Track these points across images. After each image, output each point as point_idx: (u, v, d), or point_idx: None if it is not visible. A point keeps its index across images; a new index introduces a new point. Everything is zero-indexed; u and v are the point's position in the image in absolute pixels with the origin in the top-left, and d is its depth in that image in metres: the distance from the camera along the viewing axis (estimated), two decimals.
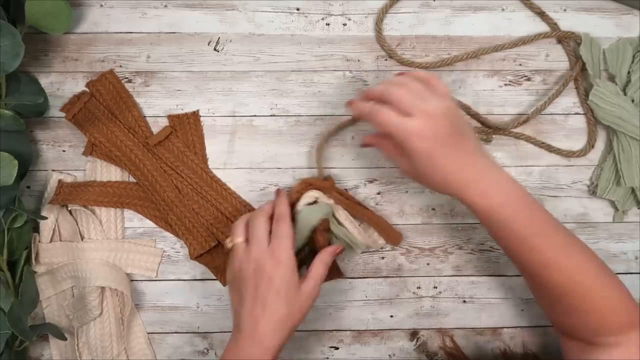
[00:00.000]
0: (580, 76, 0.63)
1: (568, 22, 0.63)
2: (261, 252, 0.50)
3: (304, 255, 0.58)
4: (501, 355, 0.57)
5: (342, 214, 0.57)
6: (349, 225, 0.57)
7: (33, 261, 0.59)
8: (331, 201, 0.57)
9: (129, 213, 0.61)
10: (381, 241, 0.60)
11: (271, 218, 0.53)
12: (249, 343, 0.49)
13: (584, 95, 0.62)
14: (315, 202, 0.56)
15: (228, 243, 0.53)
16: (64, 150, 0.61)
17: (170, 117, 0.61)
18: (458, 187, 0.49)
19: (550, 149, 0.62)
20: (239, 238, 0.52)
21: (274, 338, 0.48)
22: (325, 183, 0.58)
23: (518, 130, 0.62)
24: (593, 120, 0.62)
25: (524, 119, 0.61)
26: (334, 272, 0.60)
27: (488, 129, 0.62)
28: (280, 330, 0.49)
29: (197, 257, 0.59)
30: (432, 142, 0.47)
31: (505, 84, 0.63)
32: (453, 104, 0.49)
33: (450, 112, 0.48)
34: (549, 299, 0.50)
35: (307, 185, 0.57)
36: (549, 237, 0.49)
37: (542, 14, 0.63)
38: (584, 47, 0.61)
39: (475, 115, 0.62)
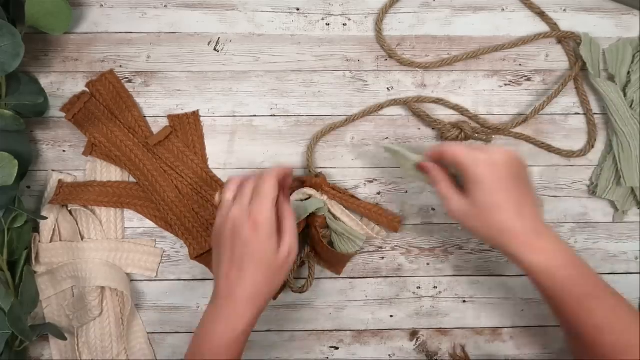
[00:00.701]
0: (580, 76, 0.63)
1: (568, 22, 0.63)
2: (240, 212, 0.46)
3: (305, 255, 0.58)
4: None
5: (338, 209, 0.57)
6: (345, 219, 0.57)
7: (33, 261, 0.59)
8: (325, 197, 0.57)
9: (129, 213, 0.61)
10: (381, 231, 0.60)
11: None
12: (225, 309, 0.47)
13: (584, 95, 0.62)
14: (308, 198, 0.57)
15: (216, 197, 0.50)
16: (64, 150, 0.61)
17: (170, 117, 0.61)
18: (516, 238, 0.46)
19: (550, 149, 0.62)
20: (227, 194, 0.49)
21: (250, 305, 0.47)
22: (317, 180, 0.58)
23: (518, 130, 0.62)
24: (593, 120, 0.62)
25: (523, 119, 0.61)
26: (342, 258, 0.59)
27: (488, 129, 0.62)
28: (256, 297, 0.47)
29: (197, 257, 0.59)
30: (500, 175, 0.45)
31: (505, 84, 0.63)
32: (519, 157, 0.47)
33: (520, 162, 0.47)
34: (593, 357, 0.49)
35: (299, 183, 0.57)
36: (603, 299, 0.48)
37: (542, 14, 0.63)
38: (584, 47, 0.62)
39: (473, 117, 0.62)
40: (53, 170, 0.61)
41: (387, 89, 0.62)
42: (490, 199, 0.46)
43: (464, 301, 0.62)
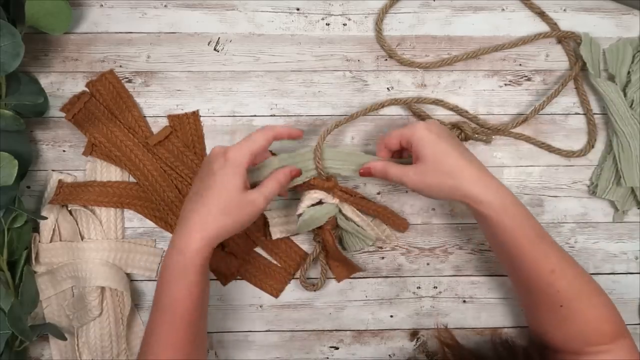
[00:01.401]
0: (580, 76, 0.63)
1: (568, 22, 0.63)
2: (219, 149, 0.50)
3: (316, 256, 0.59)
4: (500, 345, 0.57)
5: (349, 209, 0.57)
6: (356, 218, 0.57)
7: (33, 261, 0.59)
8: (336, 200, 0.57)
9: (129, 213, 0.61)
10: (391, 235, 0.60)
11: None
12: (177, 232, 0.49)
13: (584, 95, 0.62)
14: (319, 202, 0.56)
15: None
16: (64, 150, 0.61)
17: (170, 117, 0.61)
18: (469, 176, 0.49)
19: (550, 149, 0.62)
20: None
21: (199, 230, 0.48)
22: (328, 183, 0.57)
23: (518, 130, 0.62)
24: (593, 120, 0.62)
25: (522, 118, 0.61)
26: (350, 267, 0.60)
27: (487, 130, 0.62)
28: (207, 224, 0.48)
29: None
30: (437, 132, 0.50)
31: (505, 84, 0.63)
32: None
33: (448, 128, 0.54)
34: (547, 308, 0.51)
35: (309, 186, 0.57)
36: (552, 243, 0.51)
37: (542, 14, 0.63)
38: (584, 47, 0.61)
39: (473, 118, 0.62)
40: (53, 170, 0.61)
41: (387, 89, 0.62)
42: (435, 148, 0.50)
43: (464, 301, 0.62)
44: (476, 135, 0.60)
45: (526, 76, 0.63)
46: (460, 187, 0.49)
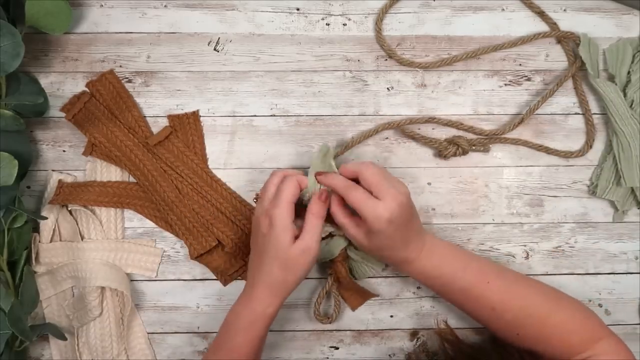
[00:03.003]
0: (578, 76, 0.63)
1: (568, 22, 0.63)
2: (261, 210, 0.52)
3: (328, 289, 0.59)
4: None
5: None
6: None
7: (33, 261, 0.59)
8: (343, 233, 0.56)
9: (129, 213, 0.61)
10: None
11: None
12: (246, 293, 0.53)
13: (583, 95, 0.62)
14: (329, 235, 0.56)
15: (254, 195, 0.56)
16: (64, 150, 0.61)
17: (170, 117, 0.61)
18: (404, 262, 0.53)
19: (548, 151, 0.62)
20: (263, 193, 0.53)
21: (266, 290, 0.51)
22: None
23: (517, 131, 0.62)
24: (591, 120, 0.62)
25: (518, 120, 0.61)
26: (364, 294, 0.59)
27: (484, 138, 0.61)
28: (272, 285, 0.51)
29: (197, 257, 0.59)
30: (396, 227, 0.50)
31: (505, 84, 0.63)
32: (407, 189, 0.52)
33: (410, 202, 0.51)
34: (510, 337, 0.53)
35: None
36: (488, 284, 0.52)
37: (541, 14, 0.63)
38: (583, 48, 0.62)
39: (469, 129, 0.62)
40: (53, 170, 0.61)
41: (387, 88, 0.62)
42: (384, 243, 0.51)
43: None
44: (473, 147, 0.61)
45: (526, 76, 0.63)
46: (394, 266, 0.57)
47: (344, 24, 0.63)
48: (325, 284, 0.59)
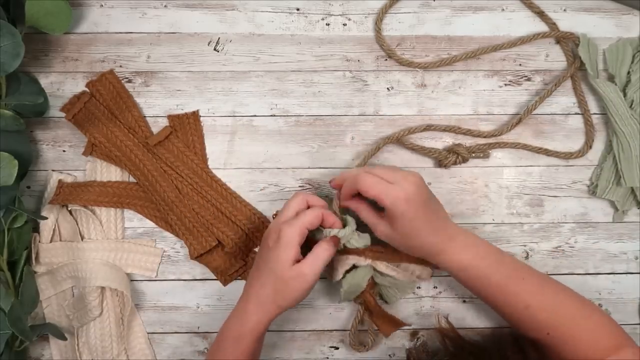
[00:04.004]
0: (577, 76, 0.63)
1: (568, 22, 0.63)
2: (274, 226, 0.52)
3: (360, 318, 0.59)
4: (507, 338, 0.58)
5: (382, 266, 0.56)
6: (391, 272, 0.56)
7: (33, 261, 0.59)
8: (368, 261, 0.55)
9: (129, 213, 0.61)
10: (420, 272, 0.57)
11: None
12: (239, 305, 0.53)
13: (582, 96, 0.62)
14: (353, 267, 0.55)
15: (274, 212, 0.56)
16: (64, 150, 0.61)
17: (170, 117, 0.61)
18: (436, 251, 0.52)
19: (548, 152, 0.62)
20: (281, 210, 0.54)
21: (258, 306, 0.51)
22: (359, 249, 0.55)
23: (517, 132, 0.62)
24: (590, 121, 0.62)
25: (516, 120, 0.61)
26: (395, 322, 0.58)
27: (483, 146, 0.61)
28: (264, 301, 0.51)
29: (197, 257, 0.59)
30: (416, 206, 0.50)
31: (505, 84, 0.63)
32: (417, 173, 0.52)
33: (424, 184, 0.51)
34: (539, 337, 0.52)
35: (339, 251, 0.55)
36: (524, 280, 0.52)
37: (541, 14, 0.63)
38: (582, 48, 0.62)
39: (467, 132, 0.62)
40: (53, 170, 0.61)
41: (387, 89, 0.62)
42: (410, 228, 0.50)
43: (464, 301, 0.62)
44: (473, 155, 0.61)
45: (526, 76, 0.63)
46: (429, 257, 0.53)
47: (344, 24, 0.63)
48: (356, 314, 0.59)
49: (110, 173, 0.61)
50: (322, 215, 0.52)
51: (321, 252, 0.51)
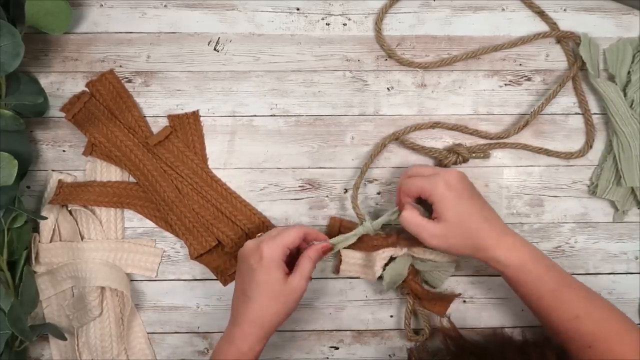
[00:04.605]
0: (578, 76, 0.63)
1: (568, 22, 0.63)
2: (253, 245, 0.52)
3: (412, 307, 0.59)
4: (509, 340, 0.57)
5: (419, 251, 0.57)
6: (429, 255, 0.57)
7: (33, 261, 0.59)
8: (404, 250, 0.56)
9: (129, 213, 0.61)
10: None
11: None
12: (231, 331, 0.52)
13: (582, 95, 0.62)
14: (391, 259, 0.56)
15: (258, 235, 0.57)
16: (64, 150, 0.61)
17: (170, 117, 0.61)
18: (488, 238, 0.51)
19: (548, 153, 0.62)
20: (263, 234, 0.55)
21: (253, 327, 0.51)
22: (390, 239, 0.57)
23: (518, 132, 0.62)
24: (591, 120, 0.62)
25: (523, 123, 0.61)
26: (446, 299, 0.59)
27: (484, 146, 0.61)
28: (260, 320, 0.51)
29: (197, 257, 0.59)
30: (459, 191, 0.51)
31: (505, 84, 0.63)
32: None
33: (467, 178, 0.53)
34: (575, 349, 0.51)
35: (373, 247, 0.57)
36: (576, 289, 0.51)
37: (541, 14, 0.63)
38: (583, 48, 0.61)
39: (474, 132, 0.62)
40: (53, 170, 0.61)
41: (387, 88, 0.62)
42: (457, 210, 0.51)
43: (464, 301, 0.62)
44: (473, 155, 0.61)
45: (526, 76, 0.63)
46: (482, 250, 0.52)
47: (344, 24, 0.63)
48: (406, 304, 0.59)
49: (110, 173, 0.61)
50: (304, 232, 0.53)
51: (307, 262, 0.52)
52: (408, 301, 0.59)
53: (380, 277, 0.58)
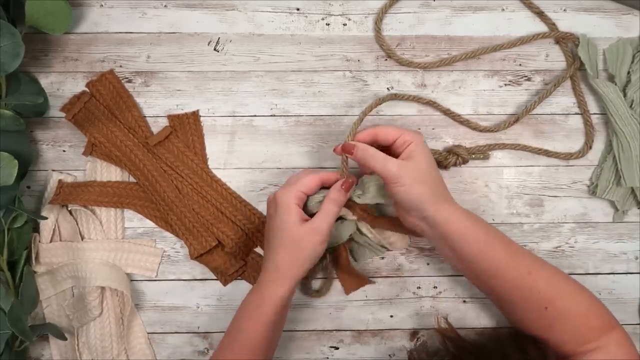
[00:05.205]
0: (577, 77, 0.63)
1: (568, 22, 0.63)
2: (270, 197, 0.54)
3: (325, 265, 0.59)
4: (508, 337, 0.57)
5: (364, 226, 0.58)
6: (368, 233, 0.58)
7: (33, 261, 0.59)
8: (355, 218, 0.57)
9: (129, 213, 0.61)
10: (396, 239, 0.60)
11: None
12: (259, 279, 0.53)
13: (581, 96, 0.62)
14: (340, 218, 0.57)
15: None
16: (64, 150, 0.61)
17: (170, 117, 0.61)
18: (448, 196, 0.53)
19: (548, 153, 0.62)
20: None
21: (275, 272, 0.52)
22: (353, 204, 0.57)
23: (517, 132, 0.62)
24: (590, 121, 0.62)
25: (514, 119, 0.61)
26: (359, 280, 0.60)
27: (483, 147, 0.61)
28: (281, 266, 0.52)
29: (197, 257, 0.59)
30: (431, 159, 0.52)
31: (505, 84, 0.63)
32: None
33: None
34: (534, 316, 0.51)
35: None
36: (523, 250, 0.53)
37: (541, 14, 0.63)
38: (582, 48, 0.62)
39: (465, 122, 0.62)
40: (53, 170, 0.61)
41: (387, 88, 0.62)
42: (429, 160, 0.52)
43: (464, 301, 0.62)
44: (473, 156, 0.61)
45: (526, 76, 0.63)
46: (438, 202, 0.51)
47: (344, 24, 0.63)
48: (323, 261, 0.59)
49: (110, 173, 0.61)
50: (321, 178, 0.53)
51: (331, 205, 0.52)
52: (326, 257, 0.59)
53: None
